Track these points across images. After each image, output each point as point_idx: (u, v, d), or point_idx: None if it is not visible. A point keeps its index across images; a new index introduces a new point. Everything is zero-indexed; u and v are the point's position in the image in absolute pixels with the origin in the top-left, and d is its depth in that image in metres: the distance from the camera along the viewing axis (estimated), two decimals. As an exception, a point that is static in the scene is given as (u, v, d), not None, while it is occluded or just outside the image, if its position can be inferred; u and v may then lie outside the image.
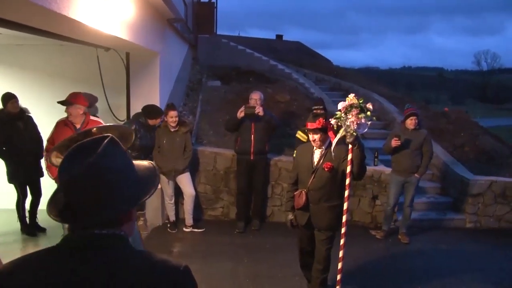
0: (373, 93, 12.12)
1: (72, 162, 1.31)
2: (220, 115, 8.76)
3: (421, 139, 6.62)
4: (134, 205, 1.41)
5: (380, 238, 6.90)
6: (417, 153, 6.63)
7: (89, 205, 1.29)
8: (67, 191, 1.32)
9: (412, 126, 6.60)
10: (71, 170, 1.29)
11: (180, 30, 9.13)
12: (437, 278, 5.61)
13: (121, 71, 6.84)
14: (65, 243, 1.33)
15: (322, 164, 4.39)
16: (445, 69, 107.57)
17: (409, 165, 6.61)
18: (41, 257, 1.33)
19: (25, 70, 7.37)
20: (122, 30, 4.62)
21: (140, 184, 1.42)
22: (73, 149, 1.35)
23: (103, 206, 1.30)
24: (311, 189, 4.47)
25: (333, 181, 4.41)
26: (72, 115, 5.32)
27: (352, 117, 3.91)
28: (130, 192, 1.36)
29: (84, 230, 1.31)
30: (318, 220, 4.51)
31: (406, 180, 6.70)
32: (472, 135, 9.52)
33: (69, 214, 1.33)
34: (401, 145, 6.53)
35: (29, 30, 3.86)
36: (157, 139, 6.63)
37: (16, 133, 6.19)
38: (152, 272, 1.31)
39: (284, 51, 17.69)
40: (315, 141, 4.39)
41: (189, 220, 6.94)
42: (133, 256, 1.34)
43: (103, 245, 1.31)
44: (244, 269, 5.66)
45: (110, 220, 1.33)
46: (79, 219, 1.31)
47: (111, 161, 1.33)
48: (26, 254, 1.36)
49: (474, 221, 7.67)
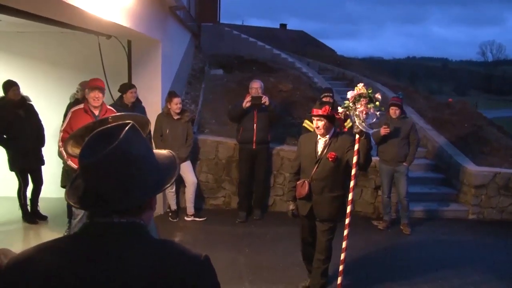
0: (377, 83, 12.04)
1: (93, 148, 1.27)
2: (222, 104, 8.71)
3: (408, 128, 6.67)
4: (156, 192, 1.38)
5: (382, 229, 6.88)
6: (404, 142, 6.66)
7: (110, 192, 1.27)
8: (87, 177, 1.30)
9: (394, 115, 6.64)
10: (93, 155, 1.25)
11: (182, 18, 9.06)
12: (439, 269, 5.59)
13: (122, 59, 6.79)
14: (84, 230, 1.31)
15: (326, 154, 4.32)
16: (449, 59, 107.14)
17: (396, 154, 6.64)
18: (59, 244, 1.30)
19: (26, 58, 7.31)
20: (123, 17, 4.57)
21: (161, 171, 1.39)
22: (95, 135, 1.32)
23: (125, 193, 1.27)
24: (314, 179, 4.41)
25: (336, 171, 4.36)
26: (95, 101, 5.21)
27: (361, 107, 3.88)
28: (152, 179, 1.34)
29: (104, 218, 1.28)
30: (320, 210, 4.45)
31: (395, 169, 6.72)
32: (476, 126, 9.46)
33: (89, 201, 1.30)
34: (389, 134, 6.57)
35: (29, 17, 3.83)
36: (159, 127, 6.61)
37: (17, 121, 6.15)
38: (172, 263, 1.28)
39: (287, 40, 17.59)
40: (318, 128, 4.34)
41: (191, 209, 6.93)
42: (152, 246, 1.31)
43: (122, 234, 1.28)
44: (245, 259, 5.66)
45: (131, 208, 1.30)
46: (99, 206, 1.28)
47: (134, 147, 1.30)
48: (44, 241, 1.32)
49: (477, 212, 7.63)
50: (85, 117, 5.07)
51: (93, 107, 5.18)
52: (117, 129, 1.32)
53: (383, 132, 6.52)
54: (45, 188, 6.60)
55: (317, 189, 4.43)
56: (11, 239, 5.78)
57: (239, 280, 5.07)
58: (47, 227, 6.42)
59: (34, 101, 6.44)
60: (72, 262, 1.23)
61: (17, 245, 5.69)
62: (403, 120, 6.72)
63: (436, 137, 8.95)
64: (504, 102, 58.84)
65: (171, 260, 1.29)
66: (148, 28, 5.79)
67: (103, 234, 1.27)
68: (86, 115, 5.13)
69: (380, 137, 6.61)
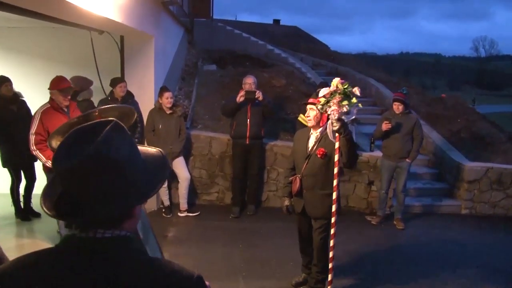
0: (370, 78, 12.07)
1: (69, 149, 1.15)
2: (215, 99, 8.69)
3: (411, 124, 6.62)
4: (140, 202, 1.25)
5: (376, 224, 6.90)
6: (407, 138, 6.62)
7: (86, 200, 1.16)
8: (63, 182, 1.19)
9: (397, 111, 6.61)
10: (68, 159, 1.13)
11: (175, 13, 9.02)
12: (432, 263, 5.63)
13: (115, 54, 6.76)
14: (66, 246, 1.21)
15: (315, 150, 4.27)
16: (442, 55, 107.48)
17: (399, 150, 6.61)
18: (41, 258, 1.21)
19: (18, 54, 7.27)
20: (115, 12, 4.55)
21: (149, 174, 1.26)
22: (73, 133, 1.19)
23: (103, 202, 1.15)
24: (304, 175, 4.36)
25: (327, 168, 4.26)
26: (66, 101, 5.14)
27: (333, 105, 3.69)
28: (136, 186, 1.21)
29: (85, 231, 1.18)
30: (312, 207, 4.40)
31: (397, 165, 6.70)
32: (468, 121, 9.50)
33: (63, 209, 1.19)
34: (392, 129, 6.52)
35: (20, 12, 3.80)
36: (151, 121, 6.61)
37: (10, 117, 6.11)
38: (162, 284, 1.19)
39: (281, 35, 17.56)
40: (309, 118, 4.31)
41: (184, 205, 6.92)
42: (141, 265, 1.20)
43: (109, 251, 1.18)
44: (238, 254, 5.66)
45: (109, 218, 1.19)
46: (74, 215, 1.17)
47: (114, 150, 1.15)
48: (23, 254, 1.23)
49: (470, 207, 7.68)
50: (58, 115, 5.01)
51: (64, 105, 5.13)
52: (97, 127, 1.18)
53: (384, 128, 6.50)
54: (38, 185, 6.55)
55: (308, 186, 4.37)
56: (4, 236, 5.75)
57: (233, 275, 5.06)
58: (40, 223, 6.37)
59: (26, 97, 6.39)
60: (54, 279, 1.15)
61: (10, 242, 5.68)
62: (407, 116, 6.66)
63: (430, 132, 8.97)
64: (496, 98, 59.17)
65: (162, 281, 1.19)
66: (141, 23, 5.76)
67: (87, 251, 1.17)
68: (58, 113, 5.06)
69: (382, 133, 6.60)
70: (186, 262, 4.67)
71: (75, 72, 6.39)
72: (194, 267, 1.31)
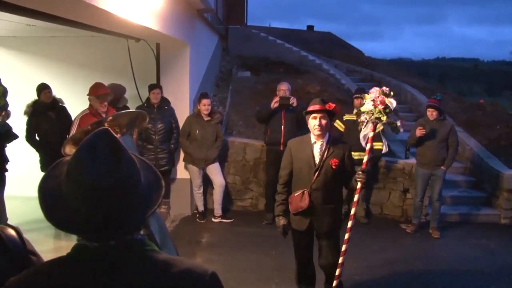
0: (405, 84, 11.90)
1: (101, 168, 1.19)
2: (249, 106, 8.74)
3: (446, 131, 6.48)
4: (154, 207, 1.30)
5: (411, 232, 6.78)
6: (442, 145, 6.48)
7: (116, 215, 1.21)
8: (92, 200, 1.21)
9: (431, 117, 6.49)
10: (107, 178, 1.18)
11: (210, 20, 9.12)
12: (467, 274, 5.49)
13: (151, 62, 6.89)
14: (80, 254, 1.24)
15: (328, 160, 3.94)
16: (480, 59, 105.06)
17: (434, 157, 6.47)
18: (58, 269, 1.24)
19: (58, 62, 7.47)
20: (151, 20, 4.64)
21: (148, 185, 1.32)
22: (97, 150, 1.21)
23: (127, 217, 1.22)
24: (314, 189, 3.98)
25: (336, 180, 4.02)
26: (103, 107, 5.33)
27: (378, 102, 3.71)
28: (145, 196, 1.28)
29: (99, 241, 1.22)
30: (322, 224, 4.07)
31: (432, 173, 6.57)
32: (508, 128, 9.24)
33: (85, 226, 1.21)
34: (426, 136, 6.41)
35: (60, 21, 3.92)
36: (187, 127, 6.69)
37: (47, 123, 6.29)
38: (176, 283, 1.23)
39: (314, 41, 17.51)
40: (320, 127, 3.92)
41: (218, 211, 6.97)
42: (156, 266, 1.24)
43: (124, 256, 1.23)
44: (271, 261, 5.64)
45: (135, 228, 1.27)
46: (97, 231, 1.21)
47: (136, 172, 1.26)
48: (41, 264, 1.29)
49: (509, 217, 7.44)
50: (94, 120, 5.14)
51: (101, 111, 5.33)
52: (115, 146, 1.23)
53: (418, 134, 6.40)
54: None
55: (318, 200, 4.01)
56: (43, 238, 5.88)
57: (266, 281, 5.05)
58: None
59: (67, 104, 6.56)
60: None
61: (48, 244, 5.83)
62: (441, 122, 6.55)
63: (467, 139, 8.78)
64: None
65: (176, 280, 1.23)
66: (177, 31, 5.85)
67: (103, 258, 1.21)
68: (96, 119, 5.14)
69: (417, 139, 6.49)
70: (219, 268, 4.69)
71: (113, 79, 6.55)
72: (226, 273, 1.32)
